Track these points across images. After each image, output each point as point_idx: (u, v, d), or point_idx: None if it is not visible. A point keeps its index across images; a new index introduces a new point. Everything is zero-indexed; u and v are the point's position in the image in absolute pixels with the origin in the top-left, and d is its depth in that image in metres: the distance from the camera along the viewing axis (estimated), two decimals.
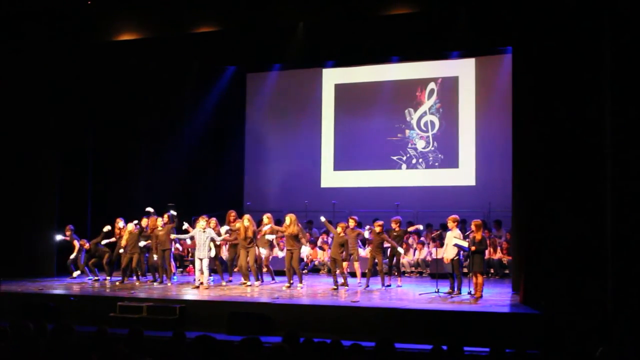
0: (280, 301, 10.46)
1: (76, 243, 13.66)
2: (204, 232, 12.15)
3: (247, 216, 12.63)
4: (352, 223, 12.18)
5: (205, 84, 17.63)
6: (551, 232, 9.84)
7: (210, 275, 12.33)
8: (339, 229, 11.96)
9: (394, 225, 12.28)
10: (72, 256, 13.70)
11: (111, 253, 13.45)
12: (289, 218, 12.07)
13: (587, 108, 9.82)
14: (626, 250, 8.98)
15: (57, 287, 12.45)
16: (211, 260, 12.39)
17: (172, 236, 12.75)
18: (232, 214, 13.12)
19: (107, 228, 13.32)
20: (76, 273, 13.66)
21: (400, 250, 12.23)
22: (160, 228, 12.78)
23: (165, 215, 13.07)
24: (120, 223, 13.28)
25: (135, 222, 13.12)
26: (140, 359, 5.58)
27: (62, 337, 6.10)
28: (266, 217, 12.66)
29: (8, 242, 13.68)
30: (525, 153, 10.60)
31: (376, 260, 12.05)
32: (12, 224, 13.95)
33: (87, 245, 13.58)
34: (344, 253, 11.90)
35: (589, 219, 9.59)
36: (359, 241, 12.52)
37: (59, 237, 13.87)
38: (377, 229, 12.01)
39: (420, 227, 13.48)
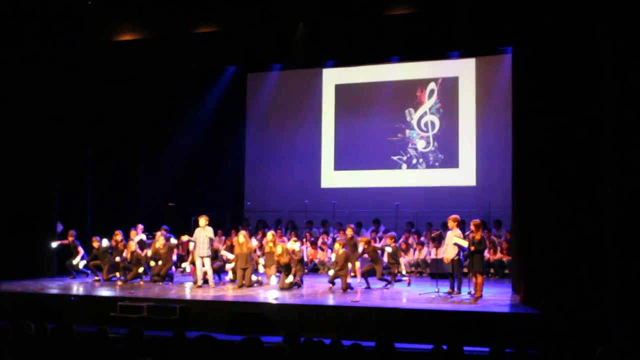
0: (280, 301, 10.46)
1: (80, 249, 13.66)
2: (203, 230, 12.16)
3: (243, 237, 12.38)
4: (349, 232, 12.75)
5: (205, 84, 17.62)
6: (551, 232, 9.84)
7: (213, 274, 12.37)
8: (336, 246, 11.95)
9: (389, 241, 12.46)
10: (75, 261, 13.63)
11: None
12: (280, 247, 11.93)
13: (587, 108, 9.83)
14: (626, 249, 8.98)
15: (57, 287, 12.45)
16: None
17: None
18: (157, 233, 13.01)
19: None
20: (92, 279, 13.55)
21: (389, 248, 12.36)
22: (161, 246, 12.84)
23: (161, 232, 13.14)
24: (118, 236, 13.26)
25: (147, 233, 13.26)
26: (140, 359, 5.59)
27: (62, 337, 6.10)
28: (270, 234, 12.58)
29: (9, 242, 13.66)
30: (525, 153, 10.60)
31: (375, 269, 12.13)
32: (13, 224, 13.92)
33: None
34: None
35: (589, 219, 9.60)
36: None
37: (55, 244, 13.85)
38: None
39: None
